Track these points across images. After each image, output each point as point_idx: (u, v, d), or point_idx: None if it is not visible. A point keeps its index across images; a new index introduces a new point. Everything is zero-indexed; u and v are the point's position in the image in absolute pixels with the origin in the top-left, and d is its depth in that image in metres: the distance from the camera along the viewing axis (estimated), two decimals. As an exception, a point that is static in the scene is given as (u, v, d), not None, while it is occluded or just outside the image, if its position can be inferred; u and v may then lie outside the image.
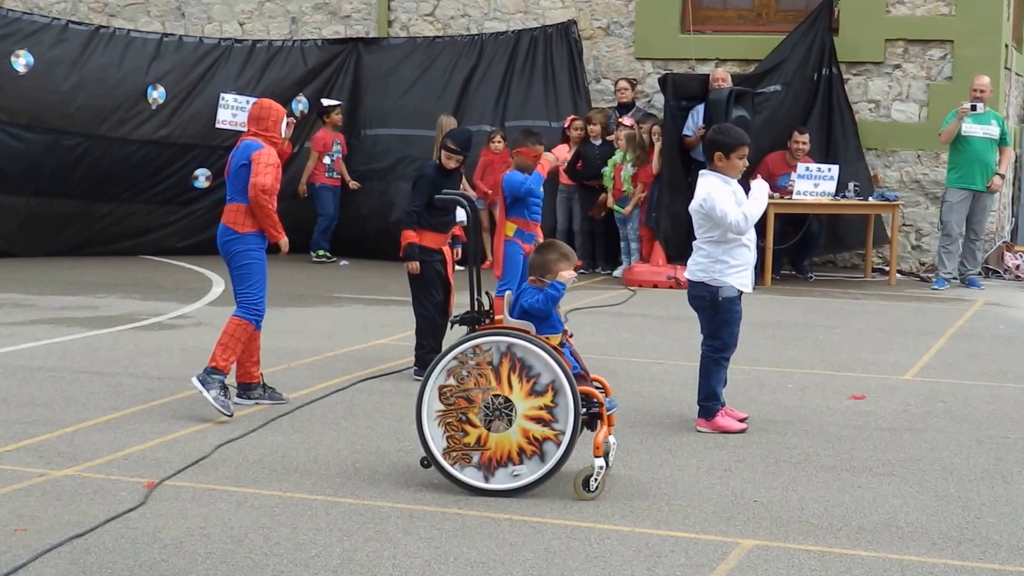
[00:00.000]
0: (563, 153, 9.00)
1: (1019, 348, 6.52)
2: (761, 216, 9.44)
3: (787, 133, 8.92)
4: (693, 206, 4.58)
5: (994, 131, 8.49)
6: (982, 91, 8.44)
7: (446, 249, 5.45)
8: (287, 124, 4.75)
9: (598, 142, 9.14)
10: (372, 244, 9.59)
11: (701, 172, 4.64)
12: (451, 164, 5.41)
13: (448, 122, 8.77)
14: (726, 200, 4.45)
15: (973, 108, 8.35)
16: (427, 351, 5.37)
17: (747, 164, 4.66)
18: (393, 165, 9.68)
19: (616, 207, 8.91)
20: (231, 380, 4.84)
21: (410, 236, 5.32)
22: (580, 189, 9.22)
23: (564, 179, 9.22)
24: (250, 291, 4.63)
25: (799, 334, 6.80)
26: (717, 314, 4.57)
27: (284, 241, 4.75)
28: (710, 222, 4.53)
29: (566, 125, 9.21)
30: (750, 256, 4.59)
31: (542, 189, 5.71)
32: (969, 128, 8.46)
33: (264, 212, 4.60)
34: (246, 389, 4.87)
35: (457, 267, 5.61)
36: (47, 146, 9.27)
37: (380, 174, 9.76)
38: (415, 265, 5.33)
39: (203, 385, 4.53)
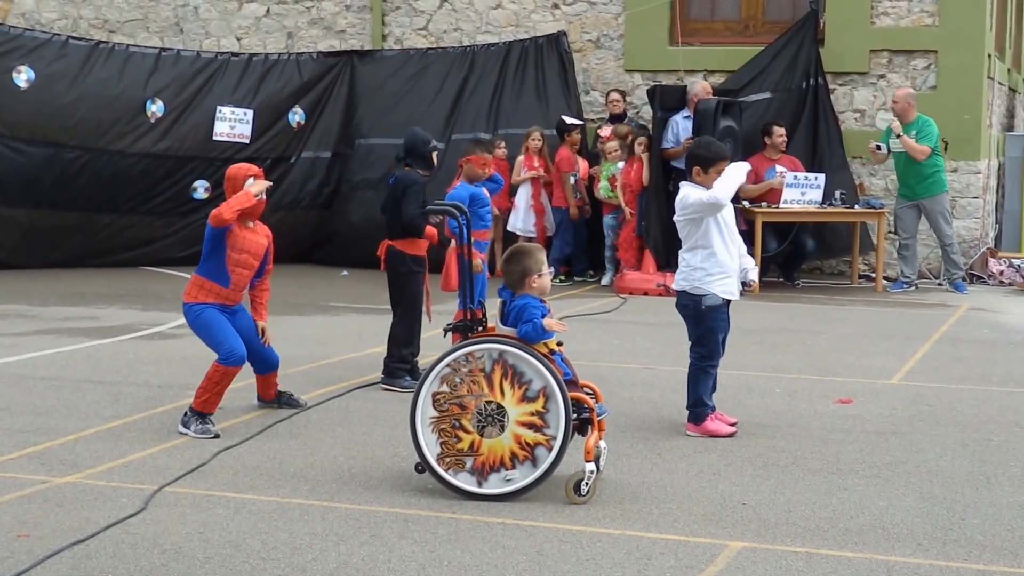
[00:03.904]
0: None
1: (1003, 352, 6.60)
2: (750, 224, 9.53)
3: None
4: (676, 216, 4.66)
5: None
6: (895, 103, 8.83)
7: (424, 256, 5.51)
8: (251, 184, 4.62)
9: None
10: (365, 253, 9.66)
11: (681, 183, 4.71)
12: (434, 160, 5.49)
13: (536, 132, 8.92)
14: (698, 190, 4.52)
15: (877, 148, 8.80)
16: (396, 361, 5.43)
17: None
18: (386, 174, 9.77)
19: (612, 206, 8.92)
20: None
21: (431, 231, 5.37)
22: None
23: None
24: (215, 344, 4.62)
25: (787, 340, 6.88)
26: (701, 322, 4.63)
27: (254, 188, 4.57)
28: (691, 225, 4.60)
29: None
30: (731, 263, 4.62)
31: (487, 194, 5.73)
32: (894, 144, 8.78)
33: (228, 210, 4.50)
34: (262, 402, 5.00)
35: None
36: (48, 159, 9.34)
37: (373, 184, 9.84)
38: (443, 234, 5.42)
39: (184, 426, 4.60)
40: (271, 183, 4.69)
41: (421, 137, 5.54)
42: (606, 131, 9.06)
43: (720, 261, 4.59)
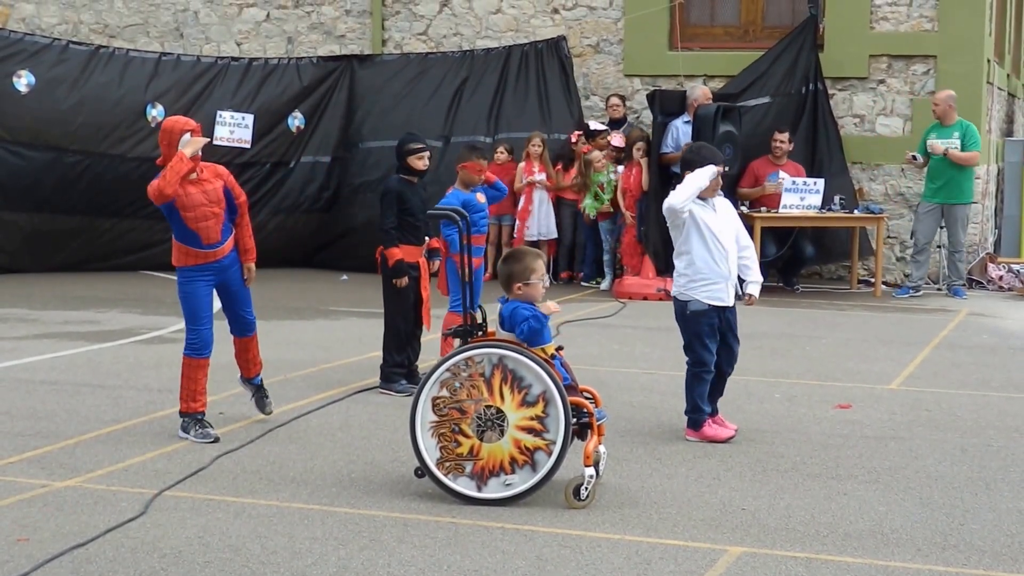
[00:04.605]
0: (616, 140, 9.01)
1: (1002, 357, 6.61)
2: (748, 229, 9.60)
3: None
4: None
5: (954, 144, 8.65)
6: (936, 105, 8.77)
7: (422, 261, 5.49)
8: (187, 142, 4.38)
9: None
10: (365, 257, 9.67)
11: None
12: (421, 164, 5.45)
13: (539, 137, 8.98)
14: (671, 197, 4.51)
15: (914, 158, 8.77)
16: (391, 366, 5.43)
17: (721, 183, 4.65)
18: (384, 176, 9.79)
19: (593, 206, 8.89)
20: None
21: (396, 254, 5.36)
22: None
23: (565, 193, 9.31)
24: (187, 327, 4.58)
25: (786, 344, 6.89)
26: (687, 328, 4.63)
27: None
28: (674, 231, 4.62)
29: (573, 140, 9.30)
30: (718, 269, 4.59)
31: (482, 199, 5.71)
32: (932, 144, 8.74)
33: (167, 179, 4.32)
34: (243, 380, 4.96)
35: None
36: (49, 163, 9.38)
37: (373, 186, 9.87)
38: (405, 280, 5.39)
39: (183, 431, 4.60)
40: (208, 139, 4.51)
41: (401, 141, 5.53)
42: (617, 139, 9.09)
43: (701, 267, 4.57)
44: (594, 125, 9.26)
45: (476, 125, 9.73)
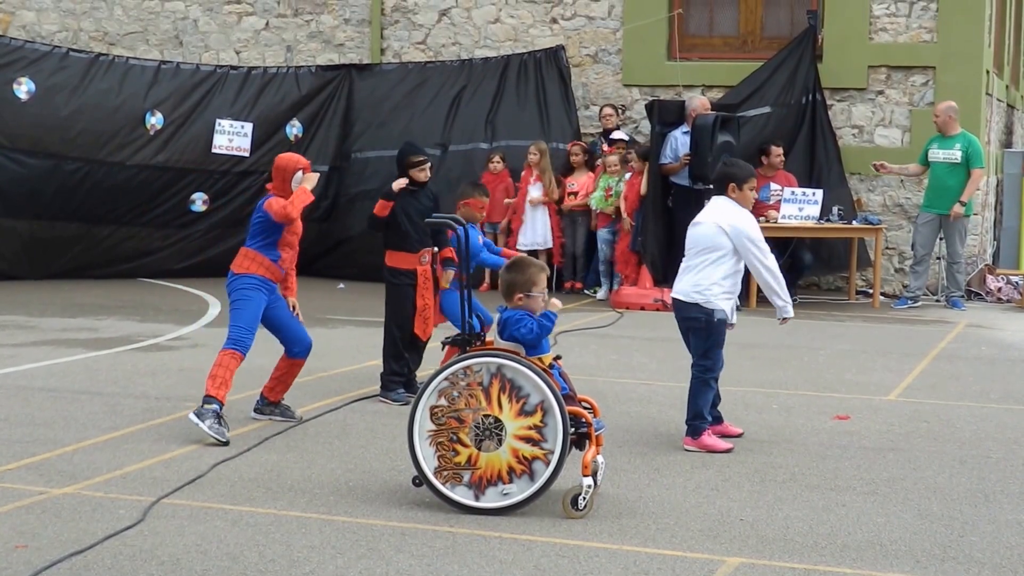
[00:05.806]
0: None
1: (1000, 369, 6.62)
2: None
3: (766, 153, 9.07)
4: (706, 228, 4.68)
5: (955, 155, 8.67)
6: (936, 115, 8.78)
7: (420, 269, 5.48)
8: (303, 179, 4.89)
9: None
10: (363, 266, 9.68)
11: (714, 197, 4.79)
12: (422, 176, 5.47)
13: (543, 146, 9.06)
14: (761, 237, 4.67)
15: (882, 166, 8.84)
16: (389, 375, 5.43)
17: (757, 195, 4.87)
18: (382, 186, 9.80)
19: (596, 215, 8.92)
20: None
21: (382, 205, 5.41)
22: (583, 213, 9.32)
23: (567, 202, 9.33)
24: (237, 326, 4.81)
25: (784, 355, 6.90)
26: (710, 336, 4.69)
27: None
28: (714, 246, 4.65)
29: (568, 148, 9.36)
30: (739, 285, 4.79)
31: (480, 240, 5.71)
32: (933, 154, 8.77)
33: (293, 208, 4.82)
34: (264, 404, 5.03)
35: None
36: (48, 171, 9.41)
37: (371, 195, 9.87)
38: (402, 183, 5.40)
39: (198, 417, 4.63)
40: (319, 174, 5.03)
41: (402, 151, 5.57)
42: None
43: (735, 281, 4.75)
44: (616, 135, 9.32)
45: (474, 133, 9.76)
